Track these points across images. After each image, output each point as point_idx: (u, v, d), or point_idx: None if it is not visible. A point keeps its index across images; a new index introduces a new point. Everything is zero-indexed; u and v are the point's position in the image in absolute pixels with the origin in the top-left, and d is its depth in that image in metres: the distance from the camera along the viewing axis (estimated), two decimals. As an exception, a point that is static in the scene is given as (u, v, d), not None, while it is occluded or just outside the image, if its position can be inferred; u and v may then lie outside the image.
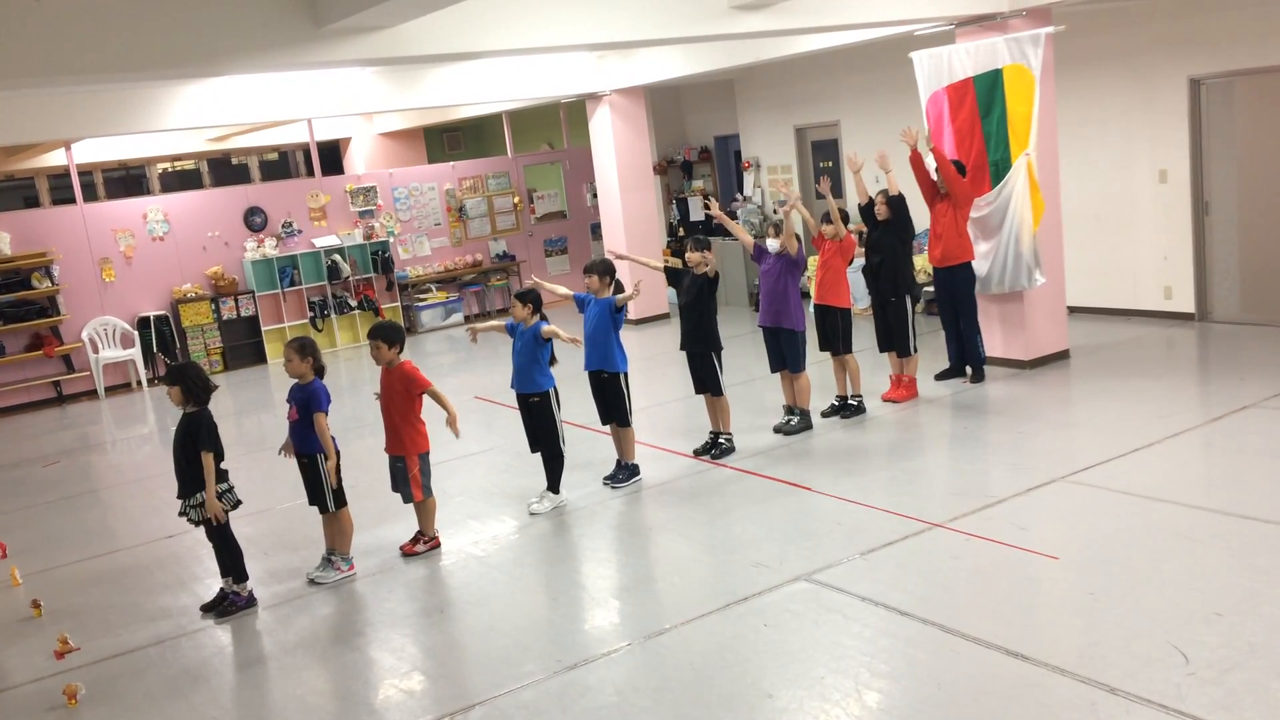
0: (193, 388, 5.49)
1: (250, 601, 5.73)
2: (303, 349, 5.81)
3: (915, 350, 8.30)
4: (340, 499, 5.95)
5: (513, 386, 6.72)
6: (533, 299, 6.59)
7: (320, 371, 5.92)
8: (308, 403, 5.78)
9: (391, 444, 6.17)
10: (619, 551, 6.07)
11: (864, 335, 8.49)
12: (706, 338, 7.30)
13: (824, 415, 8.02)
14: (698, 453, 7.49)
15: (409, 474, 6.11)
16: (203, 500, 5.50)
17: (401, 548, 6.25)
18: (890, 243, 8.10)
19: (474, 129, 19.75)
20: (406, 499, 6.21)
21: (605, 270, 6.93)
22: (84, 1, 5.68)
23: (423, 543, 6.23)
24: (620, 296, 6.76)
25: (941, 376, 8.72)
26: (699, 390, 7.49)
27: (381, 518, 6.83)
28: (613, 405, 6.98)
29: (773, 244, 7.61)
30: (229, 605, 5.67)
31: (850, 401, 8.06)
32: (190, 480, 5.52)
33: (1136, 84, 9.80)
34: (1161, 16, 9.49)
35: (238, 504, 5.71)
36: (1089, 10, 9.50)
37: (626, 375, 6.92)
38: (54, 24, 5.66)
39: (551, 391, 6.61)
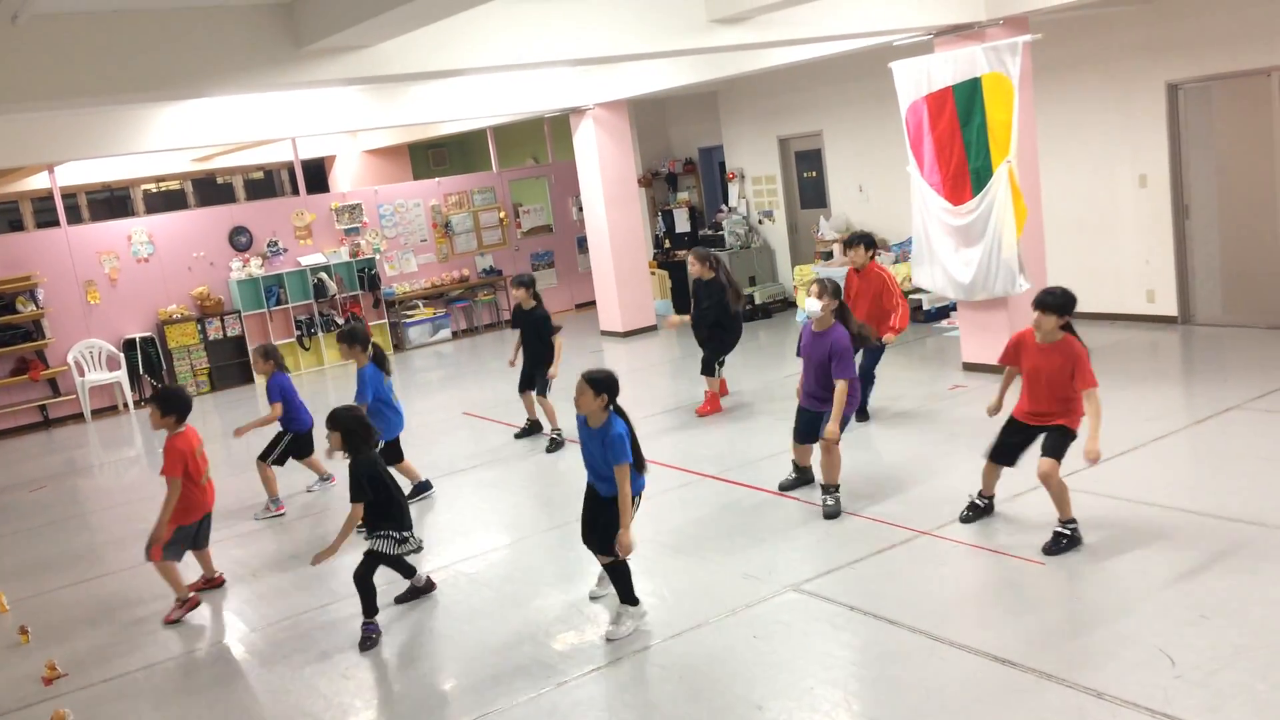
0: (353, 438, 5.39)
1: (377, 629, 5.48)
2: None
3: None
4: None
5: (591, 480, 5.24)
6: (606, 385, 4.96)
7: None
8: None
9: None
10: (608, 565, 6.05)
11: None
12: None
13: (963, 520, 5.89)
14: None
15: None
16: (382, 535, 5.41)
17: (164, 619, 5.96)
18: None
19: (459, 145, 19.79)
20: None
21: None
22: (64, 25, 5.70)
23: (176, 606, 5.98)
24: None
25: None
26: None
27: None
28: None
29: (813, 305, 6.05)
30: (370, 637, 5.37)
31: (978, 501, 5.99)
32: (375, 519, 5.42)
33: (1115, 90, 9.88)
34: (1138, 23, 9.57)
35: (419, 548, 5.68)
36: (1066, 18, 9.58)
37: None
38: (34, 47, 5.67)
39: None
